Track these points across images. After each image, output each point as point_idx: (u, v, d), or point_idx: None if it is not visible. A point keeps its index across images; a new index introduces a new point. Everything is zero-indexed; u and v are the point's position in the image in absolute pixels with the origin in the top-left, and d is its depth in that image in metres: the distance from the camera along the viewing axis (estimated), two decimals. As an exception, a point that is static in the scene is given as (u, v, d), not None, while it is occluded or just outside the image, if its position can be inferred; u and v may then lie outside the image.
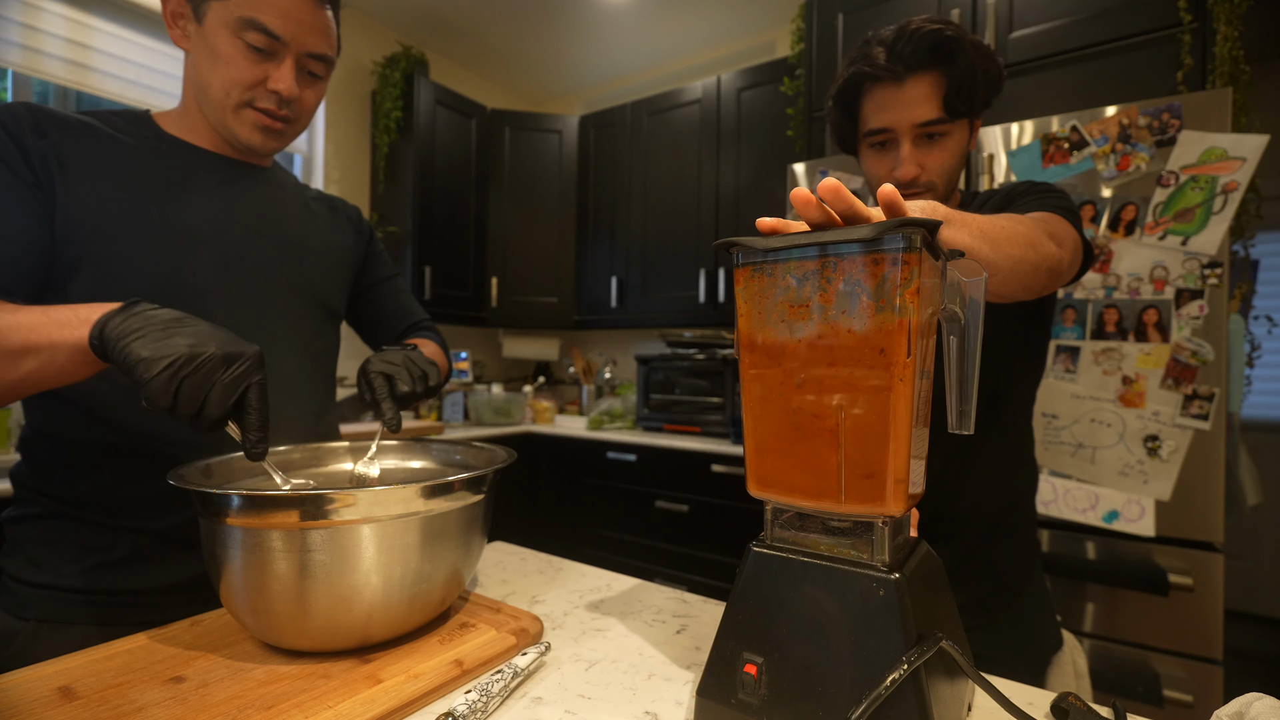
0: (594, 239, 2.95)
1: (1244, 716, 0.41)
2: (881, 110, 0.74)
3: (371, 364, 0.71)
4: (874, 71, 0.72)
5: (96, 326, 0.51)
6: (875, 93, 0.74)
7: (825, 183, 0.40)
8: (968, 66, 0.70)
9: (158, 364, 0.48)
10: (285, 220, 0.82)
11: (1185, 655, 1.30)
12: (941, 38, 0.70)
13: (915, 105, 0.72)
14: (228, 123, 0.74)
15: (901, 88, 0.72)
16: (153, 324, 0.51)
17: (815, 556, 0.45)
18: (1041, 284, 0.64)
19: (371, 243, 0.98)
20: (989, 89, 0.73)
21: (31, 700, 0.46)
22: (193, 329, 0.52)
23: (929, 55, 0.70)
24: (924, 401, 0.44)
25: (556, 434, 2.67)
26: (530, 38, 2.95)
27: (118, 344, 0.49)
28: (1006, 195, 0.80)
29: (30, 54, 1.84)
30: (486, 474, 0.60)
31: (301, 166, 2.64)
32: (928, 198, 0.75)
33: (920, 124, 0.72)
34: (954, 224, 0.52)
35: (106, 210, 0.66)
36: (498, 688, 0.49)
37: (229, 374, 0.51)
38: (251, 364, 0.53)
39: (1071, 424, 1.41)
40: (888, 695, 0.38)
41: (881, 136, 0.75)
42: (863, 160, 0.80)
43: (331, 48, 0.76)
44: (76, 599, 0.67)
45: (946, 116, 0.72)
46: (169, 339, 0.50)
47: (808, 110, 2.07)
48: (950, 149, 0.74)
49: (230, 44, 0.70)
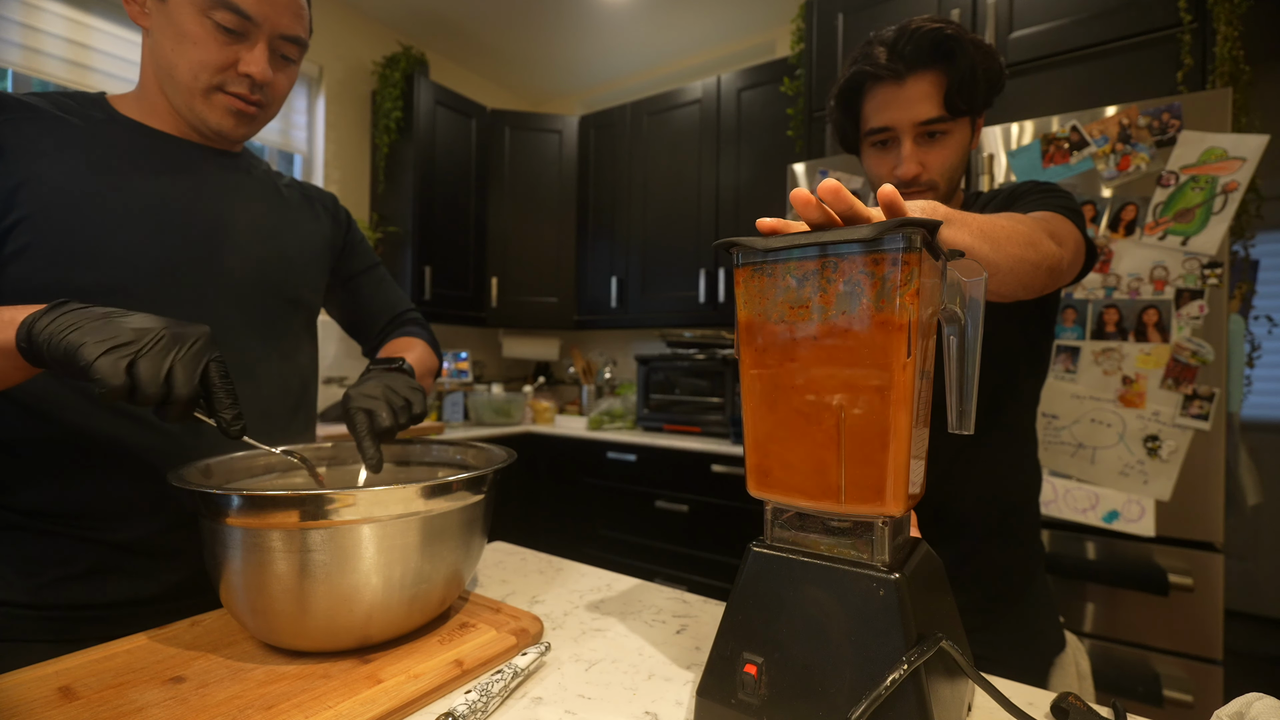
0: (594, 239, 2.95)
1: (1244, 717, 0.41)
2: (883, 109, 0.74)
3: (351, 399, 0.65)
4: (875, 70, 0.73)
5: (23, 327, 0.47)
6: (876, 92, 0.74)
7: (825, 183, 0.40)
8: (968, 65, 0.70)
9: (100, 345, 0.45)
10: (251, 207, 0.78)
11: (1185, 655, 1.30)
12: (942, 36, 0.70)
13: (916, 104, 0.72)
14: (196, 107, 0.69)
15: (902, 86, 0.72)
16: (88, 317, 0.48)
17: (815, 556, 0.45)
18: (1042, 283, 0.64)
19: (350, 231, 0.94)
20: (990, 87, 0.73)
21: (31, 700, 0.46)
22: (132, 316, 0.49)
23: (930, 54, 0.71)
24: (924, 401, 0.44)
25: (556, 434, 2.67)
26: (530, 38, 2.95)
27: (51, 341, 0.46)
28: (1010, 195, 0.81)
29: (30, 54, 1.84)
30: (486, 474, 0.60)
31: (301, 166, 2.64)
32: (929, 196, 0.76)
33: (921, 122, 0.73)
34: (954, 224, 0.52)
35: (50, 196, 0.62)
36: (498, 688, 0.49)
37: (185, 351, 0.48)
38: (204, 341, 0.50)
39: (1071, 424, 1.41)
40: (888, 695, 0.38)
41: (883, 135, 0.75)
42: (864, 159, 0.81)
43: (304, 29, 0.73)
44: (29, 615, 0.63)
45: (947, 115, 0.72)
46: (108, 325, 0.47)
47: (808, 110, 2.07)
48: (951, 147, 0.75)
49: (198, 23, 0.65)
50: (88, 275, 0.63)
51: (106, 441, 0.65)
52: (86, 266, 0.63)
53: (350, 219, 0.95)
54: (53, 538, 0.65)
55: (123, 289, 0.65)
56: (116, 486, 0.66)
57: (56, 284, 0.62)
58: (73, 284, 0.63)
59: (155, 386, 0.46)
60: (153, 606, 0.67)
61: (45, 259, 0.62)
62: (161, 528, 0.68)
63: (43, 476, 0.65)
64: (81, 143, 0.66)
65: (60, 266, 0.62)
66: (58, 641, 0.62)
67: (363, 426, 0.63)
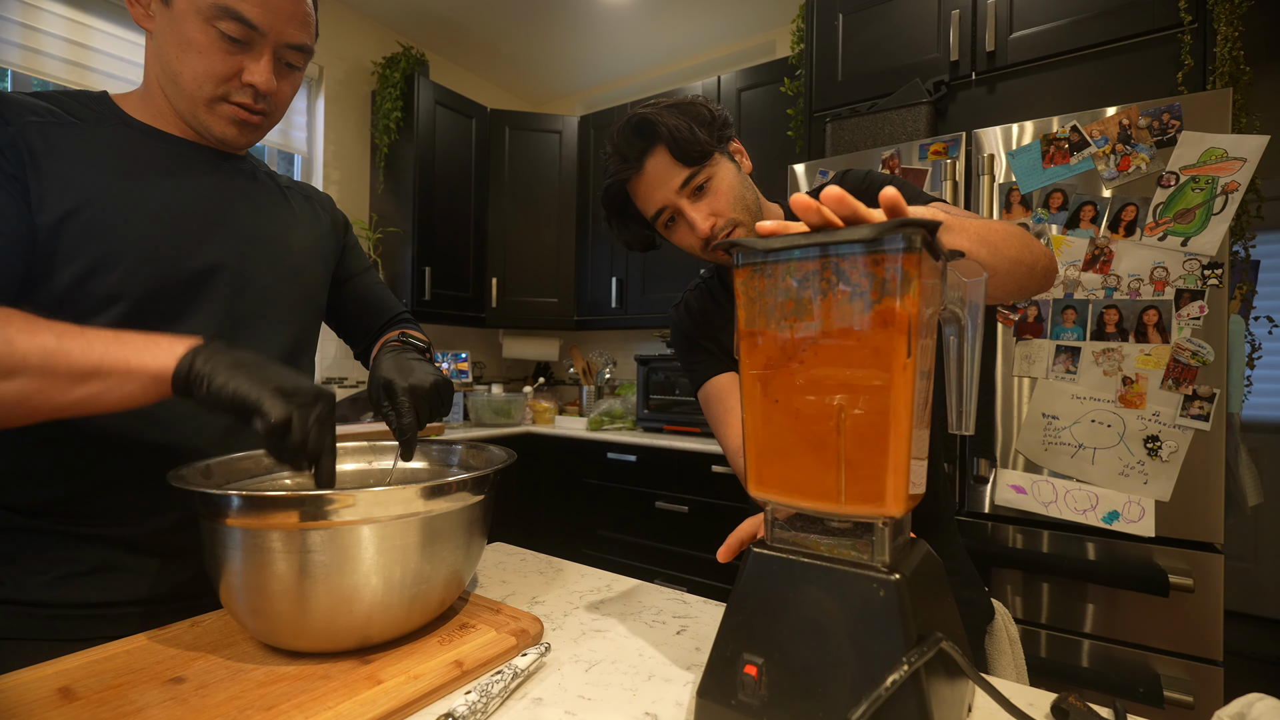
0: (594, 239, 2.94)
1: (1245, 717, 0.41)
2: (648, 196, 0.79)
3: (403, 394, 0.66)
4: (622, 174, 0.79)
5: (186, 359, 0.52)
6: (635, 188, 0.80)
7: (829, 190, 0.40)
8: (672, 126, 0.75)
9: (278, 400, 0.51)
10: (265, 210, 0.79)
11: (1185, 656, 1.30)
12: (638, 120, 0.77)
13: (663, 178, 0.77)
14: (199, 115, 0.69)
15: (644, 172, 0.78)
16: (243, 362, 0.53)
17: (816, 557, 0.45)
18: (1035, 286, 0.67)
19: (347, 233, 0.94)
20: (708, 127, 0.78)
21: (31, 701, 0.46)
22: (275, 369, 0.54)
23: (640, 138, 0.77)
24: (924, 401, 0.44)
25: (556, 435, 2.67)
26: (530, 38, 2.95)
27: (213, 379, 0.51)
28: (864, 184, 0.83)
29: (30, 54, 1.84)
30: (486, 475, 0.60)
31: (301, 166, 2.64)
32: (739, 233, 0.79)
33: (678, 189, 0.77)
34: (952, 229, 0.53)
35: (75, 200, 0.62)
36: (498, 688, 0.49)
37: (325, 411, 0.54)
38: (330, 403, 0.56)
39: (1071, 424, 1.41)
40: (888, 696, 0.38)
41: (666, 214, 0.80)
42: (671, 241, 0.85)
43: (311, 37, 0.72)
44: (35, 613, 0.63)
45: (693, 166, 0.77)
46: (264, 375, 0.52)
47: (808, 111, 2.07)
48: (724, 187, 0.79)
49: (202, 32, 0.64)
50: (113, 280, 0.63)
51: (112, 438, 0.65)
52: (111, 271, 0.64)
53: (347, 221, 0.96)
54: (59, 537, 0.65)
55: (147, 294, 0.65)
56: (122, 483, 0.66)
57: (81, 288, 0.62)
58: (99, 289, 0.63)
59: (306, 442, 0.52)
60: (157, 606, 0.67)
61: (73, 264, 0.62)
62: (167, 525, 0.68)
63: (48, 474, 0.65)
64: (99, 147, 0.66)
65: (86, 271, 0.62)
66: (61, 640, 0.62)
67: (410, 420, 0.65)
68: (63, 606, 0.64)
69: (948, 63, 1.80)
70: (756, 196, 0.84)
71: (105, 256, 0.63)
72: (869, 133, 1.83)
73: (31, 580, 0.64)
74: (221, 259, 0.72)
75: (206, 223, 0.71)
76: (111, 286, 0.63)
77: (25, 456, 0.65)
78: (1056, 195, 1.43)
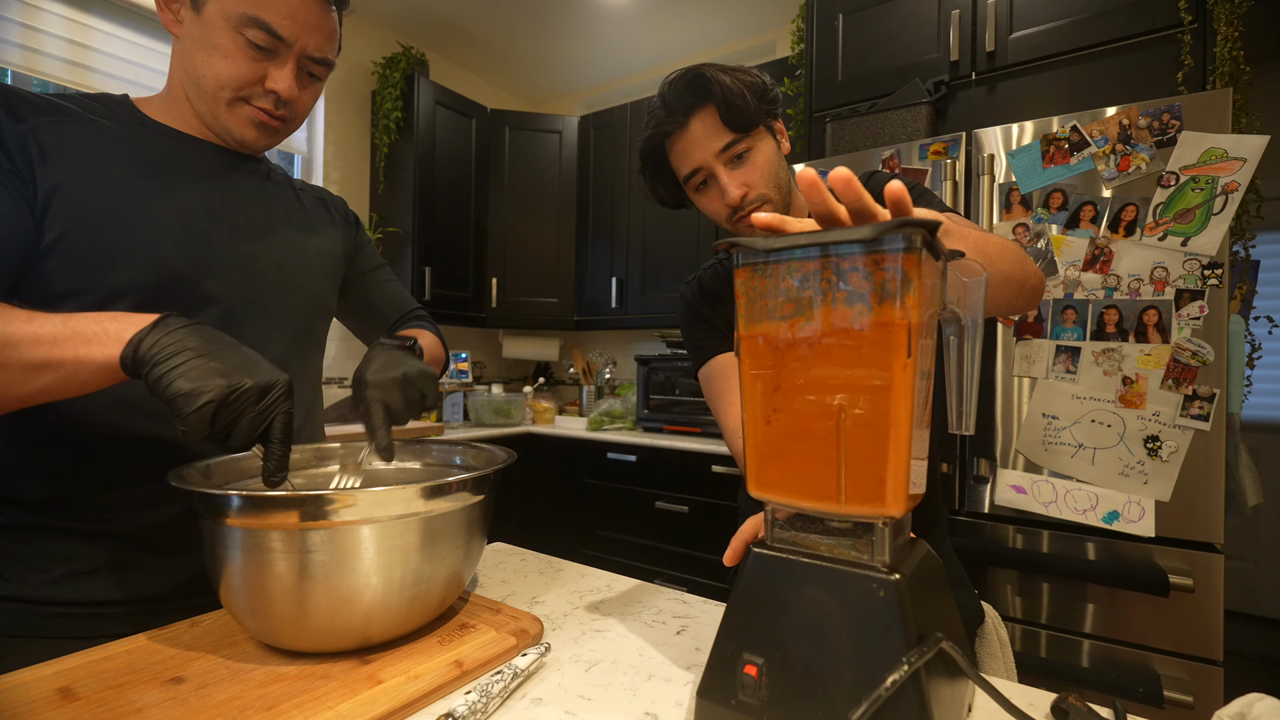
0: (594, 239, 2.94)
1: (1245, 717, 0.41)
2: (687, 154, 0.79)
3: (367, 385, 0.64)
4: (664, 127, 0.79)
5: (129, 346, 0.50)
6: (674, 144, 0.80)
7: (837, 172, 0.40)
8: (726, 87, 0.75)
9: (198, 398, 0.48)
10: (279, 212, 0.80)
11: (1185, 656, 1.30)
12: (693, 75, 0.77)
13: (707, 137, 0.77)
14: (220, 116, 0.71)
15: (689, 129, 0.78)
16: (188, 348, 0.50)
17: (815, 557, 0.45)
18: (1022, 303, 0.68)
19: (359, 233, 0.96)
20: (758, 96, 0.78)
21: (31, 701, 0.46)
22: (229, 356, 0.52)
23: (691, 93, 0.77)
24: (924, 401, 0.44)
25: (556, 434, 2.67)
26: (530, 38, 2.95)
27: (154, 368, 0.49)
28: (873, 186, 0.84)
29: (30, 54, 1.84)
30: (486, 475, 0.60)
31: (301, 166, 2.64)
32: (767, 209, 0.78)
33: (719, 151, 0.77)
34: (950, 235, 0.53)
35: (87, 197, 0.63)
36: (497, 688, 0.49)
37: (259, 406, 0.52)
38: (281, 394, 0.54)
39: (1071, 424, 1.41)
40: (888, 696, 0.38)
41: (700, 176, 0.80)
42: (697, 205, 0.85)
43: (334, 50, 0.75)
44: (38, 611, 0.64)
45: (738, 134, 0.77)
46: (207, 368, 0.50)
47: (808, 111, 2.07)
48: (762, 160, 0.79)
49: (230, 39, 0.66)
50: (122, 277, 0.64)
51: (117, 433, 0.66)
52: (121, 268, 0.64)
53: (359, 221, 0.97)
54: (64, 534, 0.65)
55: (155, 290, 0.66)
56: (126, 478, 0.67)
57: (91, 284, 0.63)
58: (108, 285, 0.63)
59: (224, 435, 0.51)
60: (157, 605, 0.68)
61: (81, 260, 0.63)
62: (170, 520, 0.68)
63: (54, 469, 0.65)
64: (116, 145, 0.67)
65: (96, 268, 0.63)
66: (62, 639, 0.62)
67: (379, 416, 0.63)
68: (65, 605, 0.64)
69: (948, 63, 1.81)
70: (790, 179, 0.83)
71: (112, 252, 0.64)
72: (869, 133, 1.83)
73: (35, 578, 0.64)
74: (232, 257, 0.72)
75: (217, 221, 0.72)
76: (118, 282, 0.64)
77: (31, 452, 0.65)
78: (1056, 195, 1.43)
